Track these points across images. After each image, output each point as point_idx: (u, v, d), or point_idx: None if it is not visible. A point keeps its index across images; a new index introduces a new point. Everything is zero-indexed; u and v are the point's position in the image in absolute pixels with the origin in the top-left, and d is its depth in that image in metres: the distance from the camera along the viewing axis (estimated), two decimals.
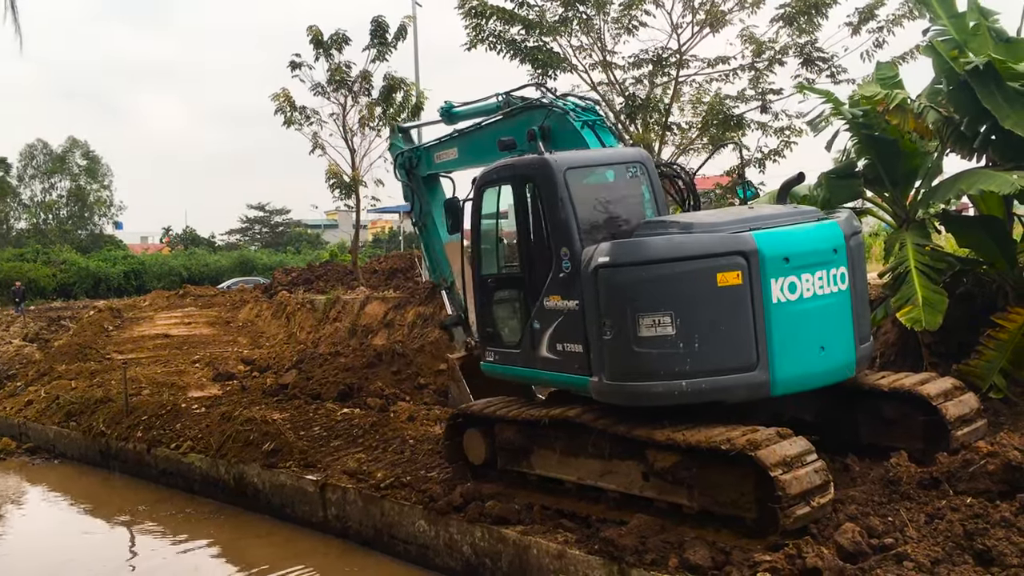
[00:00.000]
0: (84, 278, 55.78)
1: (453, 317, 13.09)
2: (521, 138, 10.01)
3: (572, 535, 8.02)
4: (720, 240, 7.51)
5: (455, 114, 13.05)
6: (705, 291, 7.39)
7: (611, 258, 7.65)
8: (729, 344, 7.43)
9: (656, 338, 7.44)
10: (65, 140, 73.51)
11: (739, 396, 7.55)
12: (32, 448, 17.35)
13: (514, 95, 11.09)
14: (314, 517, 11.07)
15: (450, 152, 12.20)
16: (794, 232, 7.85)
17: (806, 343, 7.69)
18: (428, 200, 13.06)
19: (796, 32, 18.74)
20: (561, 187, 8.29)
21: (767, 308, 7.42)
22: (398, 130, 14.00)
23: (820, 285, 7.76)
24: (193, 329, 26.75)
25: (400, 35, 26.69)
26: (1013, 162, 10.18)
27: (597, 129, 9.72)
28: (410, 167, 13.00)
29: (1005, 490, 7.03)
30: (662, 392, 7.47)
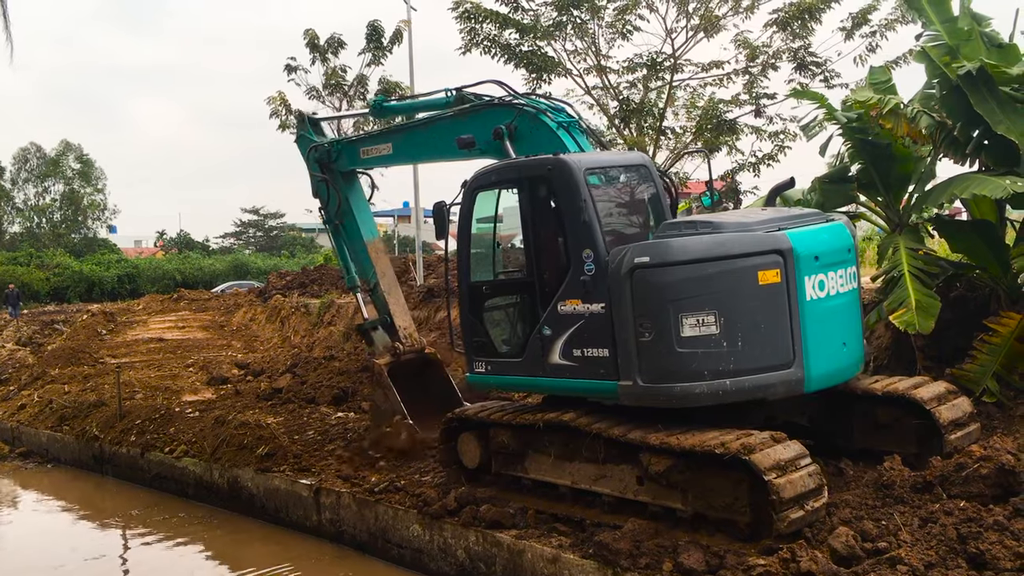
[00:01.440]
0: (78, 282, 55.66)
1: (372, 320, 12.73)
2: (482, 136, 9.73)
3: (566, 539, 8.02)
4: (759, 239, 7.57)
5: (389, 108, 12.64)
6: (747, 289, 7.44)
7: (651, 258, 7.55)
8: (769, 342, 7.49)
9: (700, 337, 7.42)
10: (58, 143, 73.39)
11: (778, 393, 7.61)
12: (25, 452, 17.29)
13: (469, 91, 10.60)
14: (308, 521, 11.05)
15: (382, 147, 11.67)
16: (820, 231, 8.02)
17: (833, 340, 7.85)
18: (346, 197, 12.50)
19: (790, 37, 18.79)
20: (583, 188, 8.15)
21: (801, 305, 7.53)
22: (308, 121, 13.02)
23: (841, 283, 7.96)
24: (187, 333, 26.68)
25: (396, 39, 26.73)
26: (1006, 167, 10.21)
27: (572, 131, 9.47)
28: (327, 161, 12.40)
29: (998, 494, 7.07)
30: (705, 392, 7.43)
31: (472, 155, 10.13)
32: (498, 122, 9.64)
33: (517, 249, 9.20)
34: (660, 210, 8.95)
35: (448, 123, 10.50)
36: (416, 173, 27.94)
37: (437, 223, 9.69)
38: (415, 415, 11.81)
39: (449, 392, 12.57)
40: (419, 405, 12.02)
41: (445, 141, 10.45)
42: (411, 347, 12.55)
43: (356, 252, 12.74)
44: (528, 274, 8.74)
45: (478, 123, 10.00)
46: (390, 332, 12.59)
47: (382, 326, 12.65)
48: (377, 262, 12.58)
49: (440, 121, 10.73)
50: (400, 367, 12.31)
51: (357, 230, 12.57)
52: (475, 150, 9.92)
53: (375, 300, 12.74)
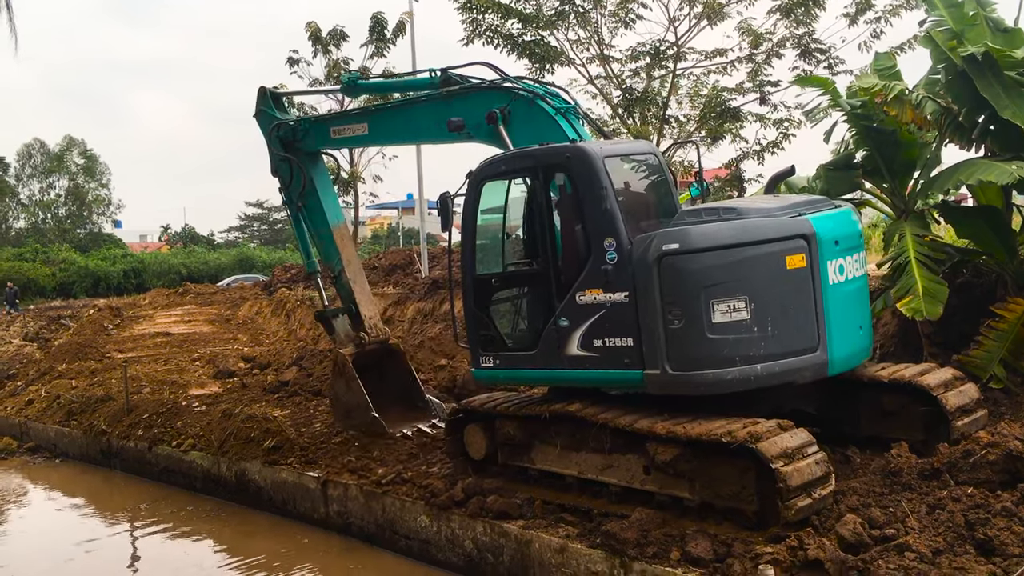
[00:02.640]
0: (83, 277, 55.76)
1: (334, 308, 12.49)
2: (472, 119, 9.56)
3: (574, 529, 8.03)
4: (785, 224, 7.61)
5: (362, 86, 12.28)
6: (776, 274, 7.48)
7: (680, 245, 7.51)
8: (797, 326, 7.54)
9: (731, 323, 7.42)
10: (62, 139, 73.54)
11: (805, 377, 7.66)
12: (33, 447, 17.37)
13: (456, 73, 10.38)
14: (316, 514, 11.08)
15: (357, 128, 11.34)
16: (835, 216, 8.06)
17: (851, 323, 7.94)
18: (311, 177, 12.09)
19: (794, 24, 18.69)
20: (603, 176, 8.05)
21: (824, 289, 7.58)
22: (269, 95, 12.54)
23: (856, 267, 8.04)
24: (193, 327, 26.74)
25: (399, 31, 26.67)
26: (1012, 152, 10.16)
27: (569, 117, 9.34)
28: (292, 139, 12.02)
29: (1006, 480, 7.05)
30: (737, 378, 7.43)
31: (459, 138, 9.95)
32: (491, 106, 9.47)
33: (522, 240, 9.03)
34: (671, 198, 8.92)
35: (434, 105, 10.28)
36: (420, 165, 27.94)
37: (442, 214, 9.54)
38: (379, 406, 11.75)
39: (411, 384, 12.47)
40: (381, 397, 11.94)
41: (428, 123, 10.25)
42: (376, 337, 12.36)
43: (320, 237, 12.38)
44: (542, 265, 8.57)
45: (468, 106, 9.82)
46: (354, 321, 12.33)
47: (346, 315, 12.40)
48: (343, 248, 12.27)
49: (425, 102, 10.50)
50: (364, 357, 12.14)
51: (322, 214, 12.21)
52: (463, 133, 9.74)
53: (339, 288, 12.46)
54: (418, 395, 12.49)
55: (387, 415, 11.83)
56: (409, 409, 12.36)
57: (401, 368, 12.61)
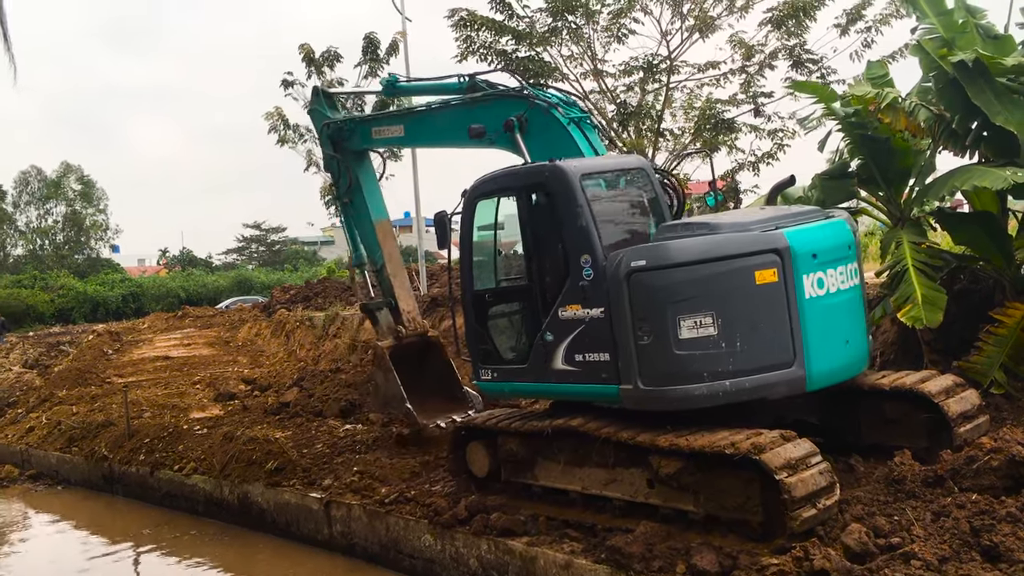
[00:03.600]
0: (82, 302, 55.72)
1: (377, 301, 12.70)
2: (493, 126, 9.69)
3: (578, 544, 8.01)
4: (755, 239, 7.57)
5: (400, 88, 12.55)
6: (744, 290, 7.45)
7: (647, 261, 7.58)
8: (768, 341, 7.49)
9: (698, 339, 7.43)
10: (59, 166, 73.60)
11: (779, 393, 7.60)
12: (35, 475, 17.31)
13: (481, 79, 10.58)
14: (319, 535, 11.05)
15: (394, 129, 11.63)
16: (817, 229, 8.01)
17: (834, 337, 7.83)
18: (357, 175, 12.44)
19: (785, 35, 18.78)
20: (579, 194, 8.19)
21: (800, 304, 7.53)
22: (321, 94, 13.01)
23: (841, 280, 7.95)
24: (193, 350, 26.70)
25: (392, 51, 26.76)
26: (1005, 157, 10.20)
27: (583, 127, 9.47)
28: (339, 139, 12.36)
29: (1010, 485, 7.05)
30: (705, 394, 7.44)
31: (482, 144, 10.09)
32: (509, 113, 9.62)
33: (518, 256, 9.19)
34: (660, 213, 8.95)
35: (460, 110, 10.51)
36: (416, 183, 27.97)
37: (439, 232, 9.71)
38: (415, 398, 11.86)
39: (449, 376, 12.60)
40: (419, 388, 12.07)
41: (456, 128, 10.44)
42: (414, 330, 12.57)
43: (364, 232, 12.73)
44: (529, 281, 8.78)
45: (490, 112, 9.99)
46: (394, 314, 12.60)
47: (387, 308, 12.64)
48: (384, 244, 12.54)
49: (452, 107, 10.73)
50: (402, 350, 12.33)
51: (366, 209, 12.55)
52: (485, 140, 9.90)
53: (381, 282, 12.76)
54: (456, 387, 12.58)
55: (425, 406, 11.95)
56: (447, 400, 12.44)
57: (440, 360, 12.75)
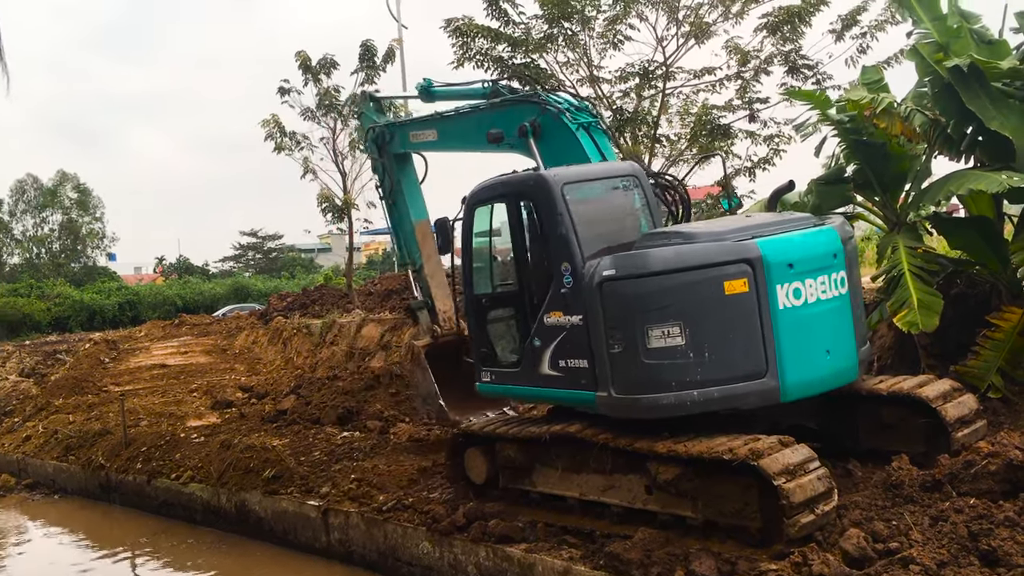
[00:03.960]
0: (79, 311, 55.57)
1: (420, 301, 13.03)
2: (510, 131, 9.86)
3: (577, 551, 8.00)
4: (725, 248, 7.56)
5: (434, 92, 12.78)
6: (713, 300, 7.43)
7: (617, 271, 7.65)
8: (739, 352, 7.47)
9: (666, 349, 7.45)
10: (55, 174, 73.49)
11: (750, 403, 7.57)
12: (32, 484, 17.26)
13: (502, 84, 10.90)
14: (317, 543, 11.03)
15: (428, 133, 11.93)
16: (796, 238, 7.95)
17: (813, 348, 7.77)
18: (399, 178, 12.81)
19: (780, 41, 18.81)
20: (560, 202, 8.28)
21: (774, 314, 7.49)
22: (369, 98, 13.49)
23: (823, 290, 7.86)
24: (190, 358, 26.64)
25: (388, 58, 26.78)
26: (1001, 162, 10.22)
27: (592, 132, 9.59)
28: (383, 142, 12.72)
29: (1008, 489, 7.05)
30: (673, 403, 7.46)
31: (501, 148, 10.26)
32: (524, 118, 9.80)
33: (510, 262, 9.31)
34: (651, 219, 8.95)
35: (482, 115, 10.77)
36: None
37: (441, 238, 10.03)
38: (450, 396, 12.04)
39: None
40: (456, 386, 12.15)
41: (478, 133, 10.64)
42: (449, 330, 12.80)
43: (405, 232, 13.07)
44: (519, 287, 8.96)
45: (506, 118, 10.18)
46: (431, 314, 12.87)
47: (426, 308, 12.95)
48: (423, 244, 12.83)
49: (475, 113, 10.98)
50: (439, 349, 12.58)
51: (407, 211, 12.88)
52: (503, 144, 10.08)
53: (419, 282, 13.09)
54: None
55: (462, 404, 12.04)
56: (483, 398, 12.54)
57: None
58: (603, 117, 10.13)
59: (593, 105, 10.91)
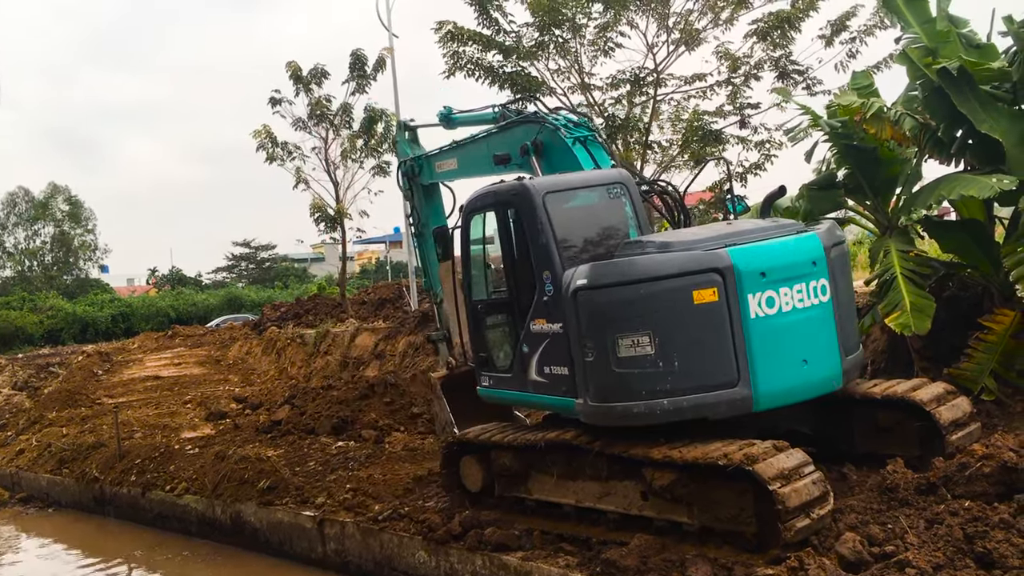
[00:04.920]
0: (72, 323, 55.38)
1: (440, 333, 13.25)
2: (514, 152, 10.03)
3: (573, 559, 7.99)
4: (694, 258, 7.55)
5: (454, 120, 13.00)
6: (682, 309, 7.44)
7: (588, 280, 7.71)
8: (709, 361, 7.47)
9: (636, 358, 7.49)
10: (47, 186, 73.37)
11: (721, 412, 7.55)
12: (25, 497, 17.20)
13: (509, 108, 11.07)
14: (313, 553, 11.00)
15: (450, 162, 12.11)
16: (770, 246, 7.86)
17: (787, 357, 7.70)
18: (426, 210, 13.00)
19: (770, 46, 18.91)
20: (540, 211, 8.38)
21: (745, 323, 7.47)
22: (404, 128, 13.60)
23: (800, 298, 7.77)
24: (183, 369, 26.59)
25: (379, 67, 26.81)
26: (991, 165, 10.27)
27: (589, 145, 9.68)
28: (413, 175, 12.90)
29: (1002, 492, 7.07)
30: (644, 411, 7.51)
31: (510, 170, 10.32)
32: (526, 138, 9.96)
33: (502, 270, 9.40)
34: (639, 227, 8.93)
35: (490, 140, 10.92)
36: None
37: (440, 246, 10.21)
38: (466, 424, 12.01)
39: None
40: (473, 414, 12.15)
41: (488, 157, 10.77)
42: (463, 362, 12.80)
43: (429, 265, 13.22)
44: (509, 294, 9.07)
45: (511, 139, 10.35)
46: (449, 346, 13.10)
47: (445, 340, 13.17)
48: (445, 281, 12.88)
49: (484, 138, 11.13)
50: (455, 379, 12.68)
51: (432, 245, 12.85)
52: (511, 165, 10.19)
53: (439, 314, 13.30)
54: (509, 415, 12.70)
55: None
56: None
57: None
58: (600, 131, 10.19)
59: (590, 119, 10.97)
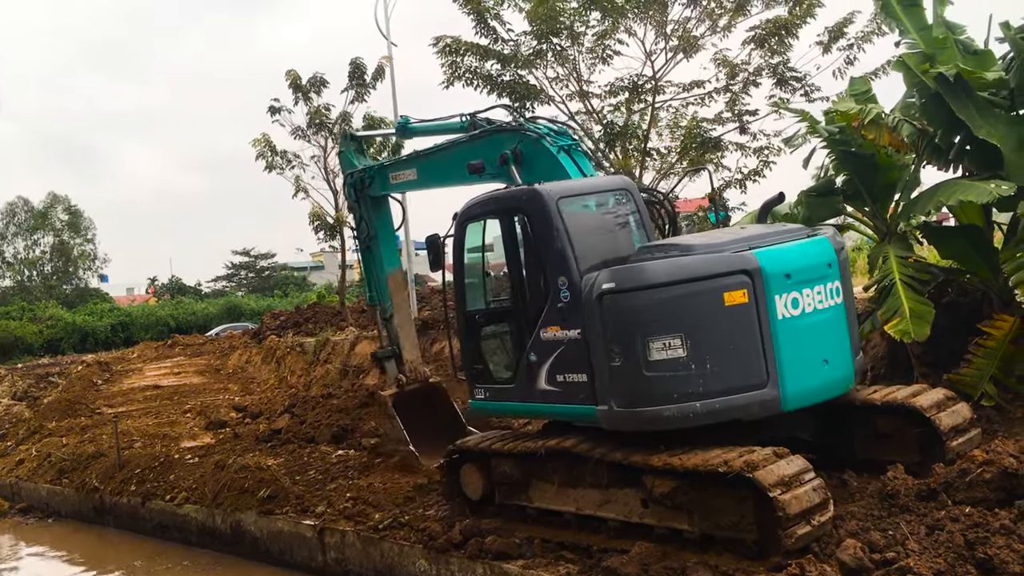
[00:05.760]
0: (71, 333, 55.40)
1: (387, 350, 13.09)
2: (490, 161, 9.90)
3: (574, 567, 7.97)
4: (724, 260, 7.58)
5: (412, 129, 12.80)
6: (713, 311, 7.45)
7: (616, 284, 7.63)
8: (739, 362, 7.48)
9: (667, 361, 7.44)
10: (46, 196, 73.47)
11: (752, 414, 7.58)
12: (25, 508, 17.18)
13: (480, 117, 10.88)
14: (313, 562, 10.97)
15: (408, 173, 11.87)
16: (792, 248, 7.99)
17: (811, 357, 7.80)
18: (376, 223, 12.78)
19: (768, 53, 18.93)
20: (555, 217, 8.29)
21: (773, 324, 7.52)
22: (350, 137, 13.30)
23: (819, 299, 7.90)
24: (183, 378, 26.57)
25: (378, 76, 26.85)
26: (989, 171, 10.29)
27: (573, 154, 9.61)
28: (362, 187, 12.62)
29: (1003, 497, 7.07)
30: (675, 415, 7.45)
31: (483, 179, 10.28)
32: (504, 147, 9.83)
33: (505, 278, 9.31)
34: (644, 233, 8.98)
35: (461, 149, 10.74)
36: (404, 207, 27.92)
37: (432, 255, 9.88)
38: (422, 443, 12.16)
39: (454, 418, 12.91)
40: (426, 432, 12.35)
41: (458, 166, 10.64)
42: (415, 379, 12.95)
43: (378, 279, 13.07)
44: (514, 302, 8.94)
45: (487, 148, 10.20)
46: (398, 363, 12.97)
47: (393, 357, 13.03)
48: (395, 295, 12.94)
49: (454, 147, 10.96)
50: (406, 397, 12.70)
51: (381, 259, 12.92)
52: (485, 175, 10.11)
53: (388, 331, 13.14)
54: (460, 428, 12.79)
55: (432, 449, 12.12)
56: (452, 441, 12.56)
57: (444, 404, 13.16)
58: (583, 140, 10.15)
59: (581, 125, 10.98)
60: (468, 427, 12.72)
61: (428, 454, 12.04)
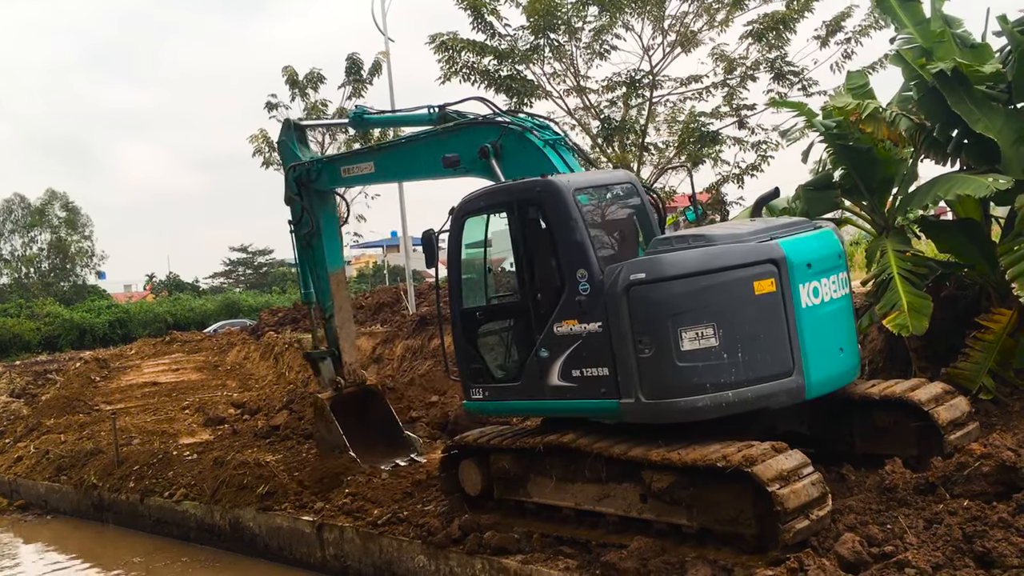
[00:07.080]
0: (69, 330, 55.34)
1: (322, 351, 12.88)
2: (467, 154, 9.67)
3: (573, 561, 7.98)
4: (753, 249, 7.61)
5: (368, 120, 12.55)
6: (744, 300, 7.47)
7: (647, 274, 7.56)
8: (768, 351, 7.53)
9: (700, 351, 7.43)
10: (44, 193, 73.34)
11: (780, 402, 7.62)
12: (23, 505, 17.18)
13: (452, 109, 10.69)
14: (312, 558, 10.98)
15: (364, 166, 11.53)
16: (810, 239, 8.08)
17: (829, 346, 7.91)
18: (320, 218, 12.37)
19: (766, 48, 18.94)
20: (573, 208, 8.18)
21: (798, 313, 7.58)
22: (293, 127, 12.67)
23: (834, 289, 8.02)
24: (181, 375, 26.53)
25: (375, 71, 26.84)
26: (987, 164, 10.29)
27: (559, 148, 9.49)
28: (306, 180, 12.19)
29: (1001, 491, 7.07)
30: (709, 405, 7.44)
31: (456, 173, 10.07)
32: (483, 140, 9.60)
33: (509, 273, 9.17)
34: (649, 226, 8.99)
35: (432, 141, 10.47)
36: (403, 203, 28.01)
37: (427, 251, 9.66)
38: (359, 444, 12.16)
39: (390, 422, 12.93)
40: (363, 435, 12.41)
41: (428, 159, 10.39)
42: (352, 382, 12.85)
43: (318, 277, 12.73)
44: (522, 297, 8.75)
45: (463, 141, 9.95)
46: (336, 364, 12.79)
47: (330, 358, 12.84)
48: (336, 294, 12.62)
49: (424, 139, 10.69)
50: (343, 400, 12.60)
51: (323, 256, 12.54)
52: (459, 168, 9.87)
53: (327, 331, 12.88)
54: (397, 432, 12.85)
55: (370, 452, 12.22)
56: (390, 446, 12.74)
57: (381, 408, 13.09)
58: (573, 129, 10.04)
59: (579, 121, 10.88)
60: (405, 431, 12.86)
61: (367, 457, 12.10)
